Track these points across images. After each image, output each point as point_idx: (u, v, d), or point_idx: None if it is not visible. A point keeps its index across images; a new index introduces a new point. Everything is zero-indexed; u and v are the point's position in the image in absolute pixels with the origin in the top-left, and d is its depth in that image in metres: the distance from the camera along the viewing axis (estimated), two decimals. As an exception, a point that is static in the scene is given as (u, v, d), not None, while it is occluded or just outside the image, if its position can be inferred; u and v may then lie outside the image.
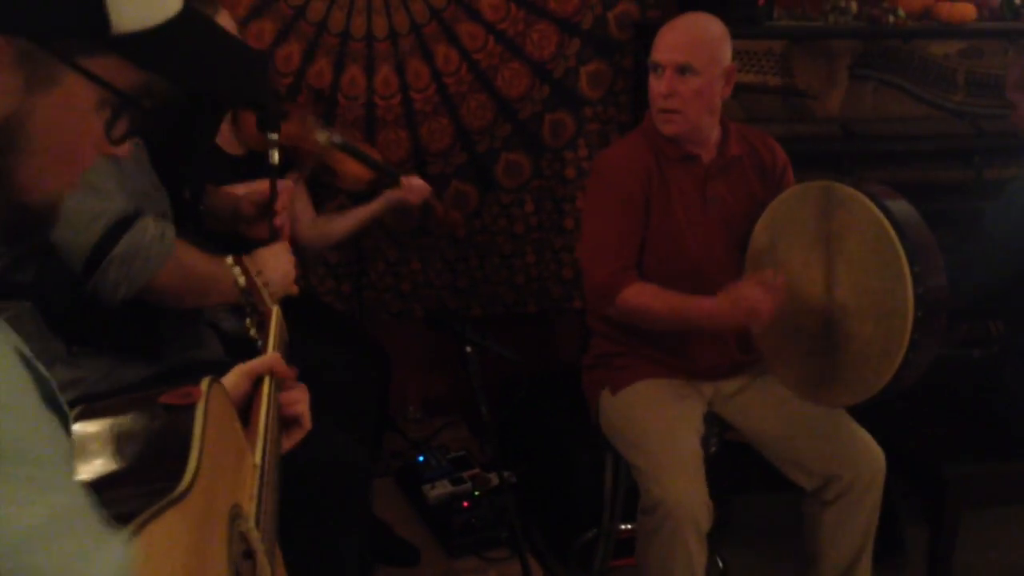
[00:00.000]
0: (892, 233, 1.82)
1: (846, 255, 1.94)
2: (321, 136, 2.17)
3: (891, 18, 2.73)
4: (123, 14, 0.61)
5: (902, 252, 1.80)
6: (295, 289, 1.85)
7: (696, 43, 2.04)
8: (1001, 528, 2.68)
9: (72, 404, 1.52)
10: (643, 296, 2.07)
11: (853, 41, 2.76)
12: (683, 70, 2.03)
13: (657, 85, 2.06)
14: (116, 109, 0.64)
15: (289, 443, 0.97)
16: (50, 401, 0.58)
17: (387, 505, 2.56)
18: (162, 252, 1.56)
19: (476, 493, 2.51)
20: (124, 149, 0.66)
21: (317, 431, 1.06)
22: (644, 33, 2.85)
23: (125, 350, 1.64)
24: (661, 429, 2.08)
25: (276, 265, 1.75)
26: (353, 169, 2.29)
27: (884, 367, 1.86)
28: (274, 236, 1.84)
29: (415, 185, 2.36)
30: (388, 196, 2.35)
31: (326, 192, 2.57)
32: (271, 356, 0.98)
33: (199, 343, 1.78)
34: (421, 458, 2.66)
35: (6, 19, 0.56)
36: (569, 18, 2.84)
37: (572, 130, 2.94)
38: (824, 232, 1.97)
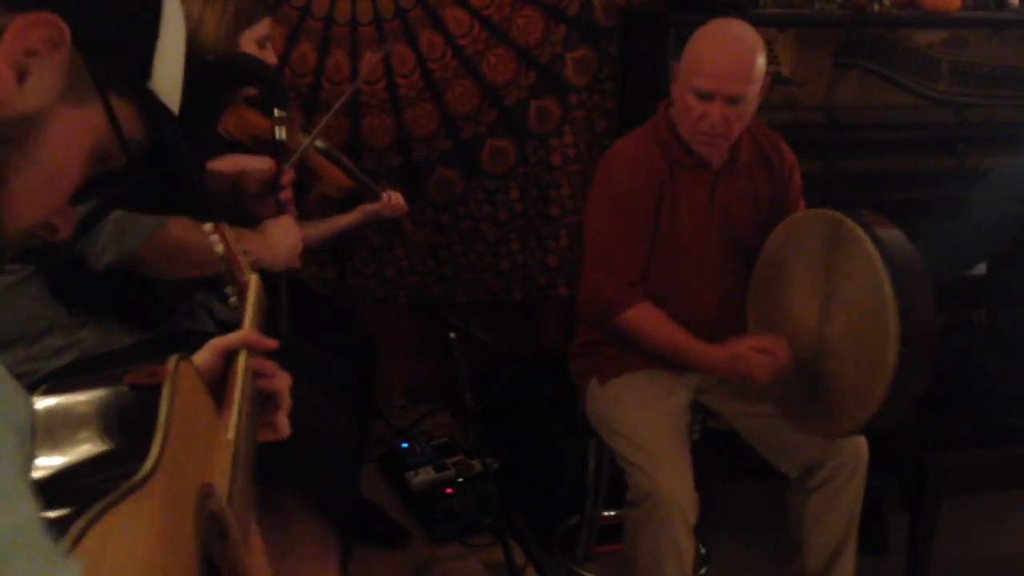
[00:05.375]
0: (888, 289, 1.77)
1: (843, 294, 1.91)
2: (305, 138, 2.16)
3: (876, 6, 2.73)
4: (161, 74, 0.68)
5: (894, 309, 1.76)
6: (299, 264, 1.88)
7: (748, 73, 1.95)
8: (981, 516, 2.70)
9: (70, 366, 1.55)
10: (645, 322, 2.06)
11: (838, 29, 2.76)
12: (734, 101, 1.96)
13: (702, 110, 1.97)
14: (100, 162, 0.67)
15: (264, 435, 0.96)
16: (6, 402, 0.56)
17: (371, 491, 2.56)
18: (155, 224, 1.57)
19: (460, 480, 2.51)
20: (73, 213, 0.68)
21: (305, 405, 1.06)
22: (630, 20, 2.85)
23: (122, 315, 1.66)
24: (650, 423, 2.08)
25: (284, 237, 1.81)
26: (335, 175, 2.27)
27: (857, 414, 1.87)
28: (281, 210, 1.86)
29: (393, 201, 2.35)
30: (365, 209, 2.33)
31: (303, 198, 2.55)
32: (245, 331, 0.96)
33: (192, 315, 1.80)
34: (405, 445, 2.66)
35: (81, 30, 0.61)
36: (555, 4, 2.83)
37: (558, 117, 2.93)
38: (827, 264, 1.94)
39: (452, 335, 1.98)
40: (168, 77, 0.68)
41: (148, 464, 0.62)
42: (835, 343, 1.93)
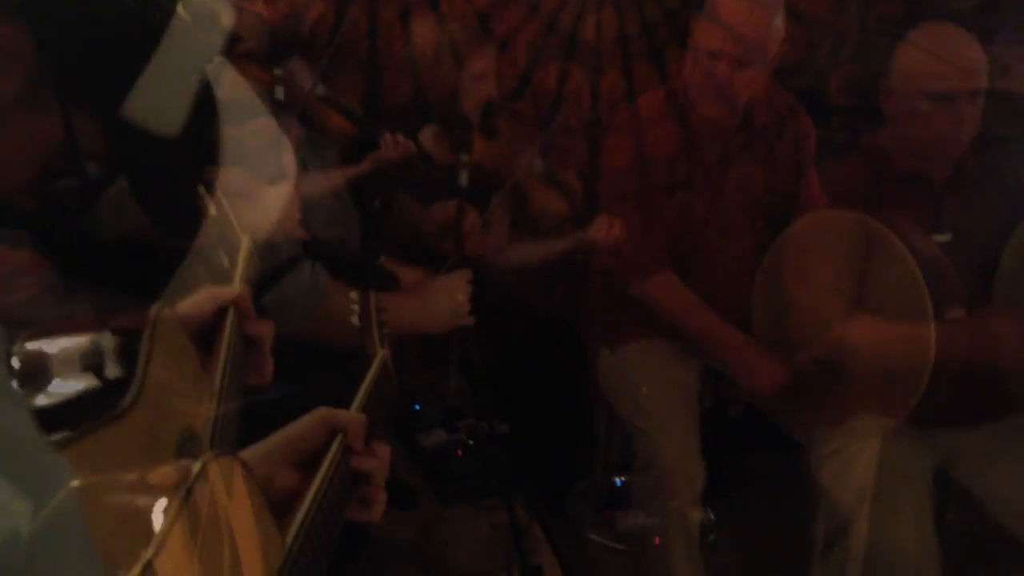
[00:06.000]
0: (928, 310, 1.76)
1: (875, 302, 1.88)
2: (304, 85, 2.14)
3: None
4: (145, 102, 0.67)
5: (932, 329, 1.75)
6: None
7: (760, 36, 1.90)
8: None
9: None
10: (666, 297, 2.04)
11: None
12: (742, 64, 1.91)
13: (710, 68, 1.92)
14: (53, 171, 0.67)
15: (251, 378, 0.98)
16: None
17: (381, 452, 2.58)
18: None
19: (470, 442, 2.53)
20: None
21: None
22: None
23: (121, 286, 1.65)
24: (659, 392, 2.08)
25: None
26: (338, 123, 2.26)
27: (871, 421, 1.87)
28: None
29: (399, 143, 2.32)
30: (372, 158, 2.32)
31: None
32: (238, 289, 0.98)
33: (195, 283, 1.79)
34: (417, 406, 2.68)
35: (55, 44, 0.61)
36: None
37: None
38: (860, 269, 1.91)
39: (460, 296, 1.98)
40: (159, 105, 0.69)
41: (127, 399, 0.64)
42: (858, 350, 1.89)
